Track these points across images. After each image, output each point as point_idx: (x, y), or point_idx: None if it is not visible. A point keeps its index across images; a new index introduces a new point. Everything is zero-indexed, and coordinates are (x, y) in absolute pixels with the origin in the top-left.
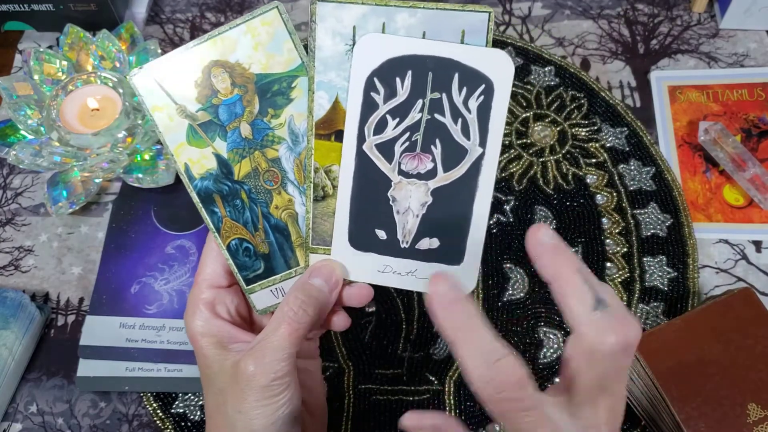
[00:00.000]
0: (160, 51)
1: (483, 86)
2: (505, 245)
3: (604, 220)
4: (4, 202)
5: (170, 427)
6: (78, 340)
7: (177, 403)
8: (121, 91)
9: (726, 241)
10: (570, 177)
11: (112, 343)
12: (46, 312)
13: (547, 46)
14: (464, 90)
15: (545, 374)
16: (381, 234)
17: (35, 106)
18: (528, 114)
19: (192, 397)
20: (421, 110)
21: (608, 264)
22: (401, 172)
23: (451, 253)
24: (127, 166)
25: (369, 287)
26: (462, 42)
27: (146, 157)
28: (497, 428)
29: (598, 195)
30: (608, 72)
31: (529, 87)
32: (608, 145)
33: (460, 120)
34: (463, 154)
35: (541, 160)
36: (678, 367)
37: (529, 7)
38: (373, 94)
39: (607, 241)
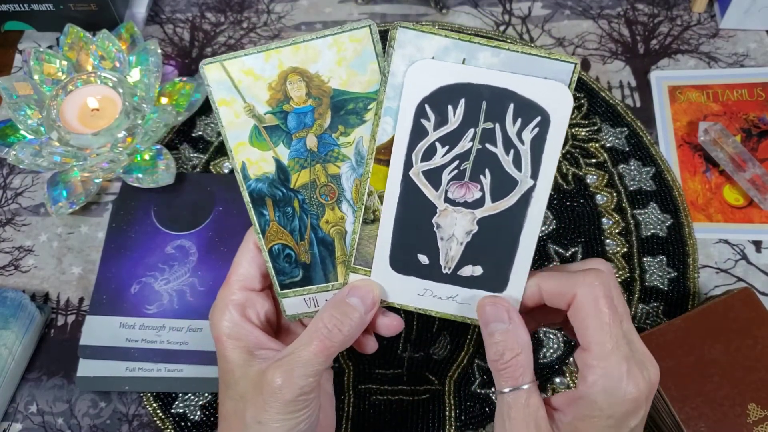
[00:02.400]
0: (160, 51)
1: (539, 118)
2: None
3: (604, 220)
4: (4, 202)
5: (170, 427)
6: (78, 340)
7: (177, 403)
8: (121, 91)
9: (726, 241)
10: (570, 177)
11: (112, 343)
12: (46, 312)
13: (547, 46)
14: (519, 121)
15: (545, 374)
16: (423, 259)
17: (35, 106)
18: None
19: (192, 397)
20: (473, 139)
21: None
22: (447, 200)
23: (494, 281)
24: (127, 166)
25: (400, 319)
26: None
27: (146, 157)
28: None
29: (598, 195)
30: (608, 72)
31: None
32: (608, 145)
33: (512, 151)
34: (513, 185)
35: None
36: (678, 367)
37: (529, 7)
38: (423, 120)
39: (607, 241)
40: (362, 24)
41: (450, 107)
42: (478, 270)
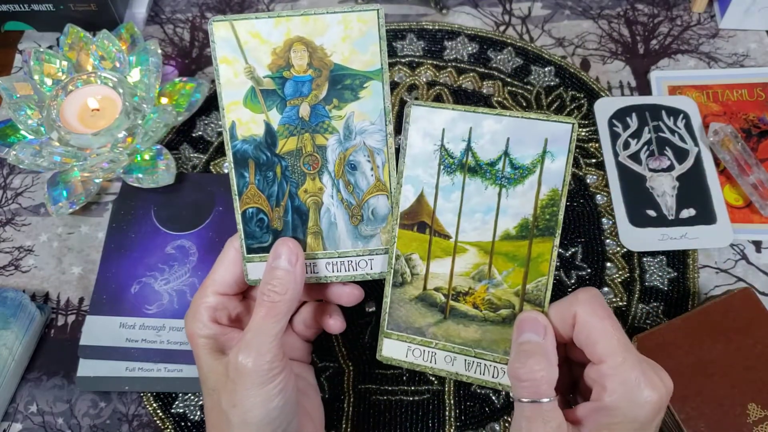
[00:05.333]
0: (160, 51)
1: (682, 114)
2: None
3: (604, 220)
4: (4, 202)
5: (170, 427)
6: (78, 340)
7: (177, 403)
8: (121, 91)
9: None
10: (570, 177)
11: (112, 343)
12: (46, 312)
13: (547, 46)
14: (671, 118)
15: None
16: (651, 213)
17: (35, 106)
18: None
19: (192, 397)
20: (650, 132)
21: (608, 264)
22: (650, 170)
23: (706, 216)
24: (127, 166)
25: (360, 288)
26: (544, 151)
27: (146, 157)
28: (497, 428)
29: (598, 195)
30: (608, 72)
31: (529, 87)
32: None
33: (676, 134)
34: (687, 153)
35: None
36: (678, 367)
37: (529, 7)
38: (614, 128)
39: (607, 241)
40: (372, 7)
41: (627, 118)
42: (692, 211)
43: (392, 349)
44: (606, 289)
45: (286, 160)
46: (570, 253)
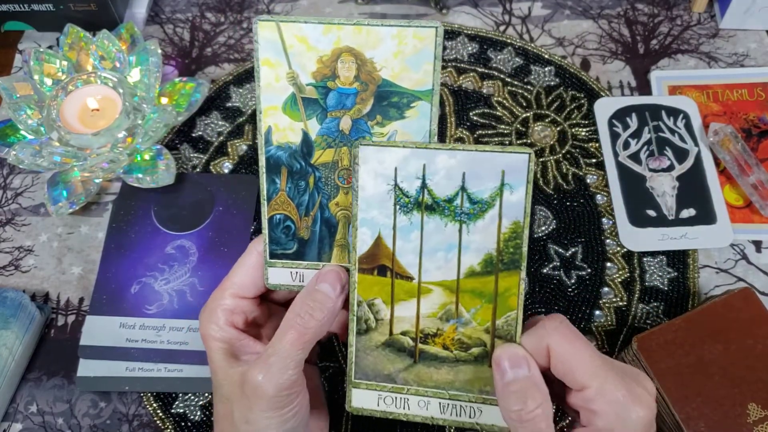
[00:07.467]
0: (160, 51)
1: (682, 114)
2: None
3: (604, 220)
4: (4, 202)
5: (170, 427)
6: (78, 340)
7: (177, 403)
8: (121, 91)
9: None
10: (570, 177)
11: (112, 343)
12: (46, 312)
13: (547, 46)
14: (671, 118)
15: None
16: (651, 213)
17: (35, 106)
18: (528, 114)
19: (192, 397)
20: (650, 132)
21: (608, 264)
22: (650, 170)
23: (706, 216)
24: (127, 166)
25: None
26: (502, 183)
27: (146, 157)
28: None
29: (598, 195)
30: (608, 72)
31: (529, 87)
32: None
33: (676, 134)
34: (687, 153)
35: (541, 160)
36: (678, 367)
37: (529, 7)
38: (614, 128)
39: (607, 241)
40: (431, 24)
41: (627, 119)
42: (692, 211)
43: (362, 399)
44: (606, 289)
45: (320, 171)
46: (570, 253)
